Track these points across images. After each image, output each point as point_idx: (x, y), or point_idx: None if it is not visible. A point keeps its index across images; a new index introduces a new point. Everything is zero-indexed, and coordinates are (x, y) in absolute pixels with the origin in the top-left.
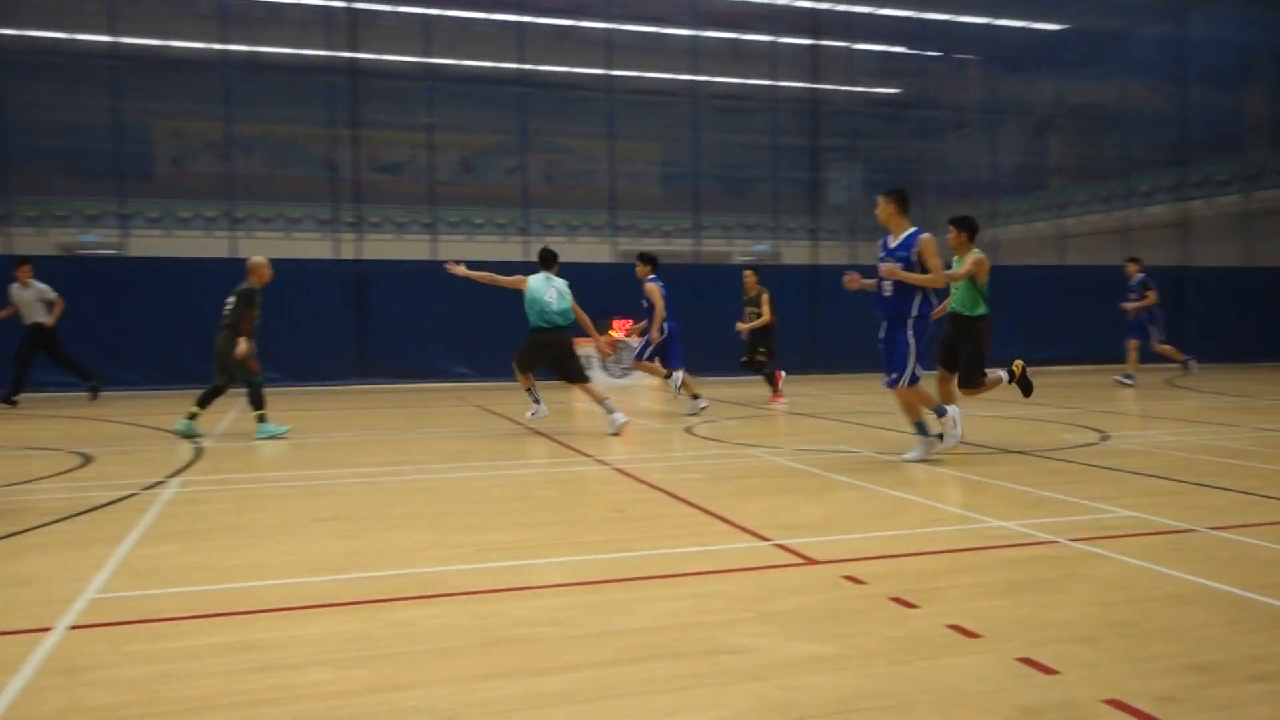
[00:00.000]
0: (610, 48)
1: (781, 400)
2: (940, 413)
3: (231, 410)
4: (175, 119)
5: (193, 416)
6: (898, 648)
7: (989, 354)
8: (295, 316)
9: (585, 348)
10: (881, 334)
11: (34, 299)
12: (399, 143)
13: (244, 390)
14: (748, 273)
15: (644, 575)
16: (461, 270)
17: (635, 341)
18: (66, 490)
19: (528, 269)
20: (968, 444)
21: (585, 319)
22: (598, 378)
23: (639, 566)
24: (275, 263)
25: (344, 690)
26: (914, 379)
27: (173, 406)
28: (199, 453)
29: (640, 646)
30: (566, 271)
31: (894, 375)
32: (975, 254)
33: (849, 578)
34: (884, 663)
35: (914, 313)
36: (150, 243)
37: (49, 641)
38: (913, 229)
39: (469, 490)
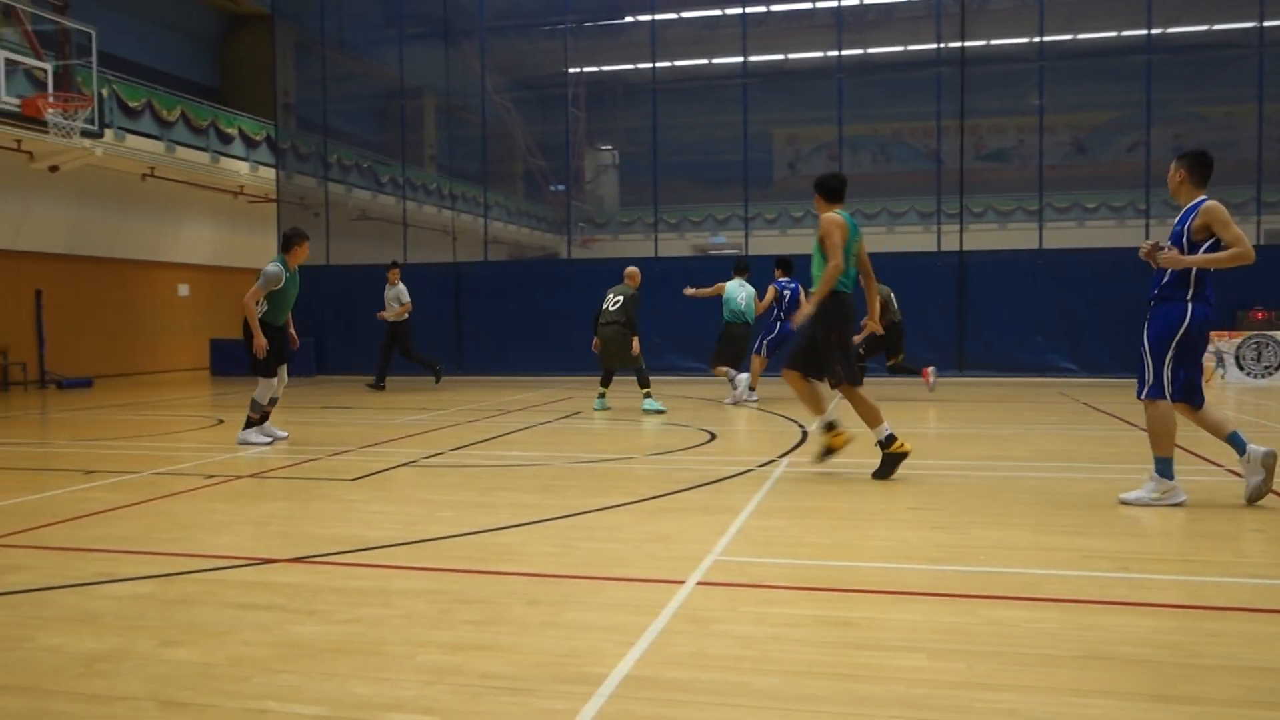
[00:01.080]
0: None
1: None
2: (1238, 446)
3: (835, 398)
4: (792, 126)
5: (647, 395)
6: None
7: (838, 342)
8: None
9: None
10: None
11: (392, 299)
12: (1005, 128)
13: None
14: None
15: None
16: (691, 291)
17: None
18: (696, 462)
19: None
20: None
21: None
22: (1233, 376)
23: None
24: (879, 256)
25: (938, 680)
26: (1158, 392)
27: (782, 393)
28: (804, 436)
29: None
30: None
31: (1140, 386)
32: (826, 217)
33: None
34: None
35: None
36: (767, 241)
37: (681, 593)
38: (1201, 198)
39: (1070, 492)
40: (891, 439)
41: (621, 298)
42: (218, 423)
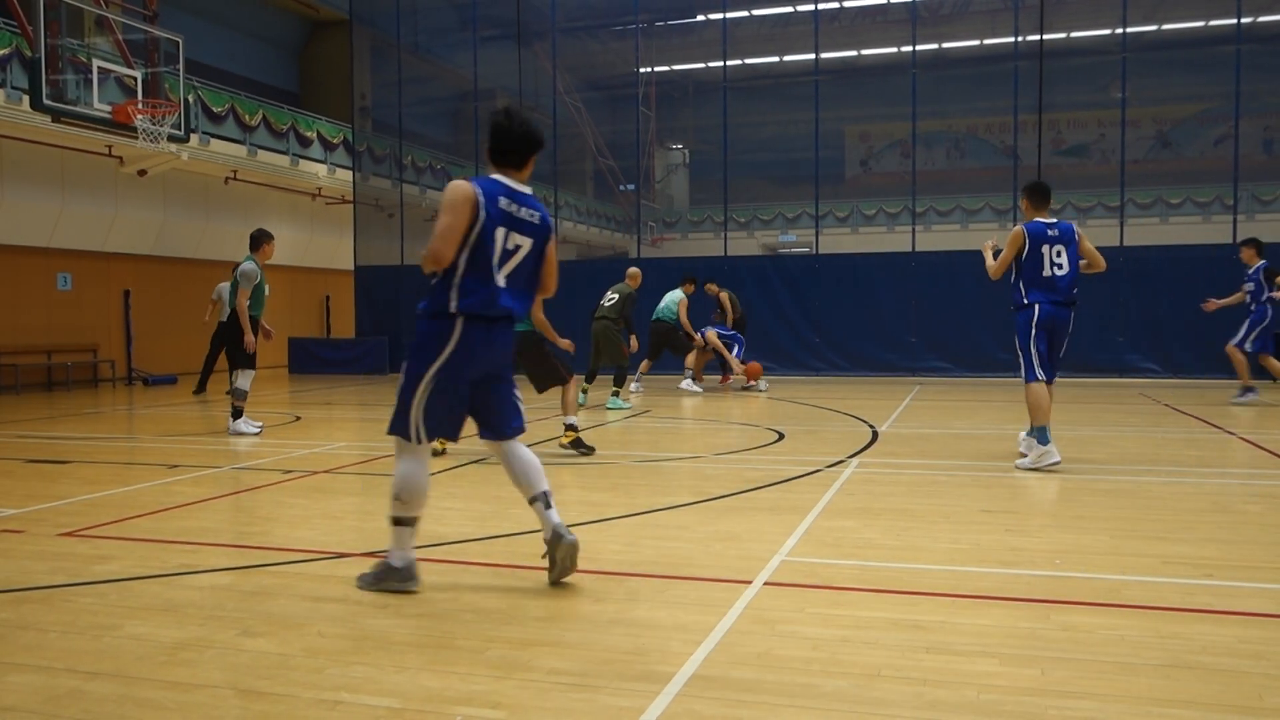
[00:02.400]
0: None
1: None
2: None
3: (906, 399)
4: (864, 123)
5: (615, 394)
6: None
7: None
8: (966, 308)
9: None
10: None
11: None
12: (1085, 122)
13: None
14: (709, 284)
15: None
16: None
17: None
18: (765, 462)
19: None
20: None
21: (686, 324)
22: None
23: None
24: (951, 254)
25: (1011, 686)
26: (1031, 376)
27: (852, 392)
28: (875, 437)
29: None
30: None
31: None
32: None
33: None
34: None
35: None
36: (837, 240)
37: (749, 593)
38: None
39: (1153, 496)
40: None
41: (618, 295)
42: (295, 419)
